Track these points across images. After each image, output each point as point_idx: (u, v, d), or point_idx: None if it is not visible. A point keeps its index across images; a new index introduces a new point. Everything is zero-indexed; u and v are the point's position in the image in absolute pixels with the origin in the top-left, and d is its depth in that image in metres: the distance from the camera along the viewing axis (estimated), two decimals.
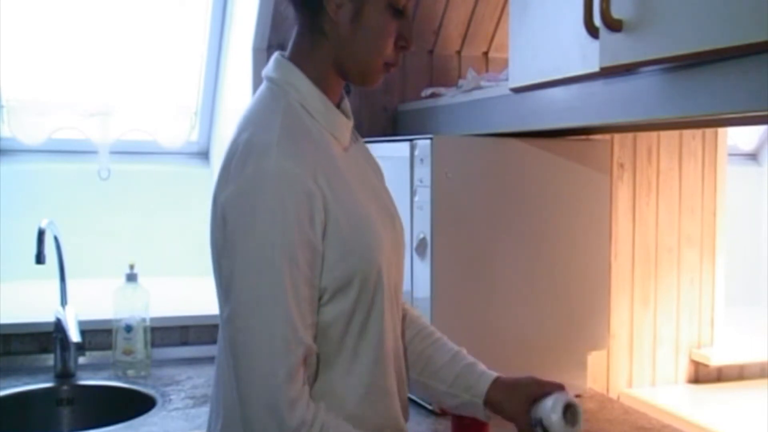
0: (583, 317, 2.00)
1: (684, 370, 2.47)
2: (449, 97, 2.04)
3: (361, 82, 1.27)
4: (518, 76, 1.66)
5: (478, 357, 1.51)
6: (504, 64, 1.75)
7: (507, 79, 1.70)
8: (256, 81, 2.34)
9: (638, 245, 2.40)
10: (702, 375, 2.48)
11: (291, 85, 1.23)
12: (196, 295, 2.52)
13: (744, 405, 2.29)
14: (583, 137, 2.04)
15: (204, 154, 2.76)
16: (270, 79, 1.25)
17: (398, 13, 1.21)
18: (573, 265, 1.98)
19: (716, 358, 2.44)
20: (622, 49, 1.27)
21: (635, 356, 2.40)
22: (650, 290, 2.41)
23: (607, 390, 2.33)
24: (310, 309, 1.14)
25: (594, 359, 2.13)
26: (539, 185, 1.94)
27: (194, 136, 2.72)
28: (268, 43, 2.30)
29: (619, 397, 2.29)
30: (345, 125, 1.29)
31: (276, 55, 1.27)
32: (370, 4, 1.19)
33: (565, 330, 1.98)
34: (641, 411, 1.97)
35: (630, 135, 2.36)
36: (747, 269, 3.03)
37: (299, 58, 1.24)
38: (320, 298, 1.16)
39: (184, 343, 2.31)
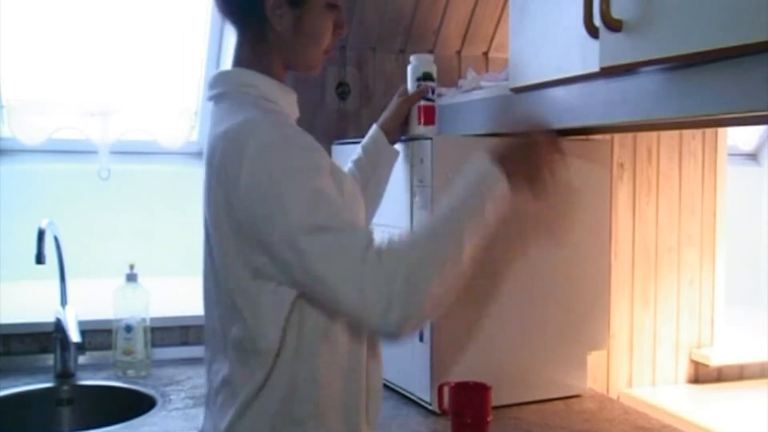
0: (583, 317, 2.00)
1: (684, 370, 2.47)
2: (449, 97, 2.03)
3: (306, 72, 1.38)
4: (518, 76, 1.66)
5: (477, 357, 1.52)
6: (504, 64, 1.75)
7: (507, 79, 1.70)
8: None
9: (638, 245, 2.40)
10: (702, 375, 2.49)
11: (245, 86, 1.29)
12: (196, 295, 2.52)
13: (744, 405, 2.29)
14: (583, 137, 2.04)
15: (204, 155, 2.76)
16: (223, 93, 1.30)
17: (333, 7, 1.31)
18: (573, 264, 1.98)
19: (716, 358, 2.44)
20: (622, 49, 1.27)
21: (635, 356, 2.40)
22: (650, 290, 2.41)
23: (607, 390, 2.33)
24: None
25: (594, 359, 2.14)
26: None
27: (194, 136, 2.72)
28: None
29: (619, 397, 2.29)
30: (294, 100, 1.37)
31: (215, 72, 1.36)
32: (309, 9, 1.28)
33: (565, 330, 1.98)
34: (641, 411, 1.97)
35: (630, 135, 2.36)
36: (747, 269, 3.03)
37: (248, 64, 1.31)
38: None
39: (184, 343, 2.31)
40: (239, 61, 1.33)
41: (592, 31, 1.31)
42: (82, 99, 2.51)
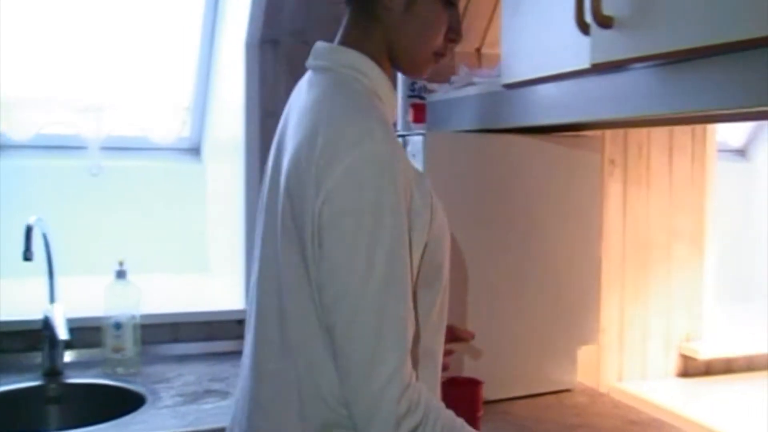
0: (573, 312, 2.01)
1: (673, 363, 2.49)
2: (442, 93, 2.04)
3: (410, 70, 1.30)
4: (510, 73, 1.66)
5: (468, 352, 1.52)
6: (496, 60, 1.75)
7: (499, 75, 1.71)
8: (249, 76, 2.34)
9: (629, 240, 2.41)
10: (691, 368, 2.50)
11: (357, 71, 1.23)
12: (187, 292, 2.52)
13: (731, 398, 2.31)
14: (575, 133, 2.04)
15: (195, 150, 2.76)
16: (328, 68, 1.24)
17: (450, 5, 1.25)
18: (563, 260, 1.99)
19: (705, 351, 2.45)
20: (613, 45, 1.27)
21: (625, 350, 2.41)
22: (640, 285, 2.42)
23: (598, 384, 2.34)
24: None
25: (584, 354, 2.14)
26: (531, 181, 1.94)
27: (186, 132, 2.71)
28: (261, 38, 2.30)
29: (609, 392, 2.30)
30: (395, 101, 1.32)
31: (322, 44, 1.27)
32: None
33: (556, 325, 1.99)
34: (631, 405, 1.98)
35: (621, 131, 2.37)
36: (736, 264, 3.05)
37: (356, 45, 1.24)
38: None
39: (175, 341, 2.30)
40: (347, 38, 1.25)
41: (584, 28, 1.31)
42: (73, 95, 2.51)
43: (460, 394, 1.63)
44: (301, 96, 1.26)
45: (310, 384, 1.18)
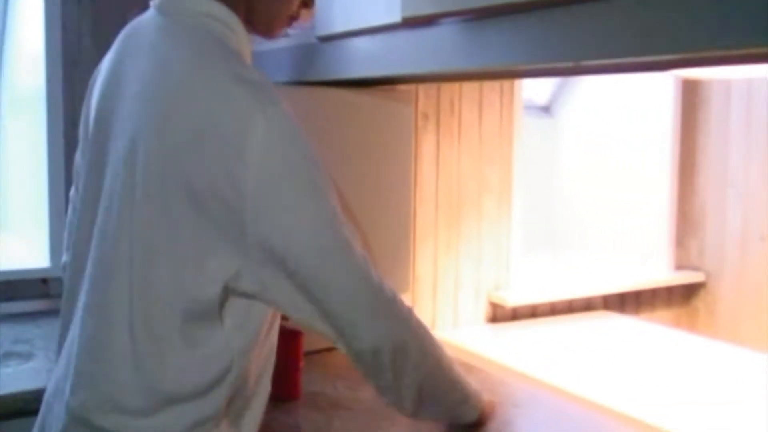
0: (387, 262, 2.06)
1: (483, 311, 2.61)
2: (256, 44, 2.00)
3: (264, 32, 1.31)
4: (324, 25, 1.66)
5: None
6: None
7: (313, 28, 1.70)
8: (50, 22, 2.20)
9: (441, 193, 2.49)
10: (499, 315, 2.64)
11: (227, 26, 1.18)
12: None
13: (535, 340, 2.46)
14: (389, 87, 2.07)
15: None
16: (189, 16, 1.17)
17: None
18: (377, 211, 2.03)
19: (512, 299, 2.59)
20: (423, 0, 1.30)
21: (438, 299, 2.50)
22: (453, 236, 2.52)
23: None
24: None
25: None
26: (346, 133, 1.96)
27: None
28: None
29: None
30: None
31: None
32: None
33: None
34: None
35: (434, 86, 2.43)
36: (540, 217, 3.23)
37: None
38: None
39: None
40: None
41: None
42: None
43: (281, 345, 1.64)
44: (145, 42, 1.18)
45: (155, 358, 1.14)
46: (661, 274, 3.05)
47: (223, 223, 1.09)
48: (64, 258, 1.40)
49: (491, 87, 2.57)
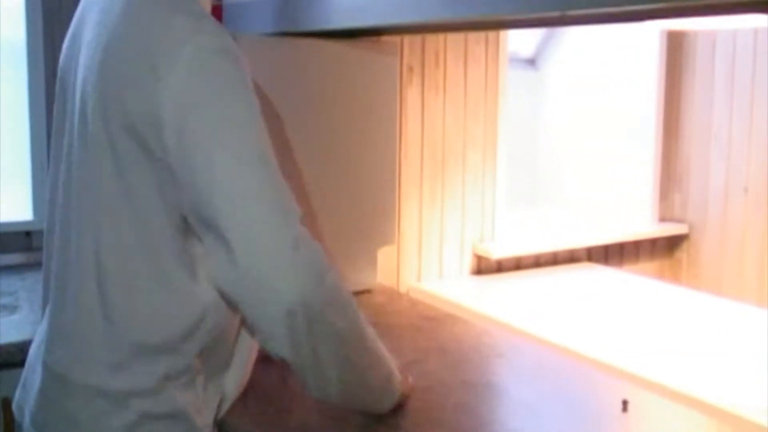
0: (372, 215, 2.07)
1: (468, 263, 2.63)
2: None
3: None
4: None
5: None
6: None
7: None
8: None
9: (426, 147, 2.49)
10: (484, 267, 2.65)
11: None
12: None
13: (519, 291, 2.48)
14: (374, 38, 2.06)
15: None
16: None
17: None
18: (363, 164, 2.03)
19: (496, 251, 2.61)
20: None
21: (424, 252, 2.52)
22: (438, 189, 2.52)
23: (398, 284, 2.44)
24: None
25: (385, 256, 2.22)
26: (330, 86, 1.95)
27: None
28: None
29: (408, 291, 2.41)
30: None
31: None
32: None
33: (355, 227, 2.04)
34: (427, 302, 2.09)
35: (418, 40, 2.41)
36: (524, 170, 3.24)
37: None
38: None
39: None
40: None
41: None
42: None
43: None
44: None
45: (123, 307, 1.14)
46: (645, 226, 3.07)
47: (160, 154, 1.08)
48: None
49: (476, 40, 2.55)
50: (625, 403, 1.35)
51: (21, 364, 1.36)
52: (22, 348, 1.55)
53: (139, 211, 1.12)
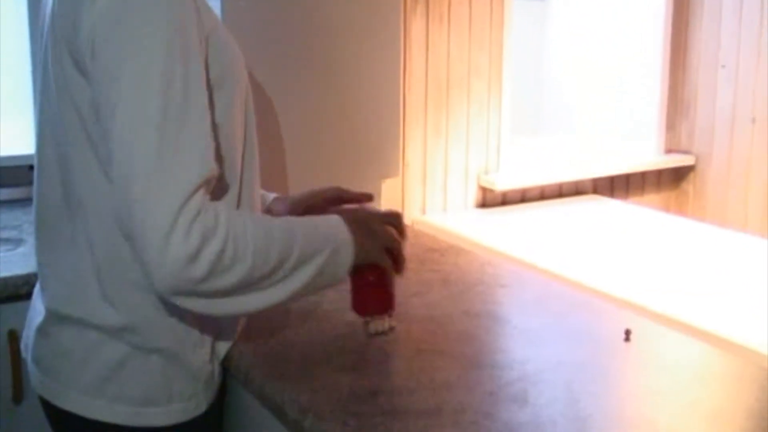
0: (375, 147, 2.05)
1: (473, 195, 2.62)
2: None
3: None
4: None
5: (270, 189, 1.53)
6: None
7: None
8: None
9: (431, 77, 2.45)
10: (489, 199, 2.65)
11: None
12: None
13: (524, 223, 2.48)
14: None
15: None
16: None
17: None
18: (365, 95, 2.01)
19: (501, 183, 2.60)
20: None
21: (428, 183, 2.51)
22: (442, 120, 2.50)
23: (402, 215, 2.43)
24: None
25: (389, 188, 2.21)
26: (333, 15, 1.91)
27: None
28: None
29: (413, 224, 2.40)
30: None
31: None
32: None
33: (359, 160, 2.02)
34: (431, 234, 2.08)
35: None
36: (530, 101, 3.20)
37: None
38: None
39: None
40: None
41: None
42: None
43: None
44: None
45: (103, 242, 1.13)
46: (651, 157, 3.05)
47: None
48: None
49: None
50: (628, 333, 1.35)
51: (26, 296, 1.36)
52: (27, 280, 1.56)
53: (93, 134, 1.10)
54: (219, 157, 1.11)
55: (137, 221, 0.98)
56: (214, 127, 1.09)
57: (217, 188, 1.11)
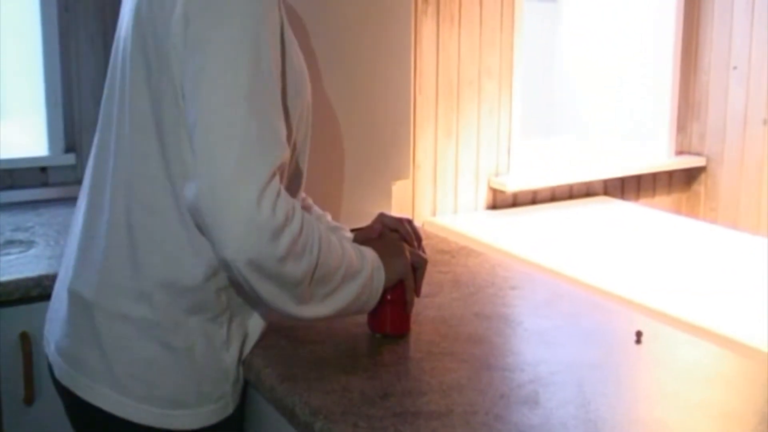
0: (386, 148, 2.05)
1: (483, 197, 2.62)
2: None
3: None
4: None
5: None
6: None
7: None
8: None
9: (441, 78, 2.45)
10: (499, 201, 2.64)
11: None
12: None
13: (535, 225, 2.48)
14: None
15: None
16: None
17: None
18: (376, 97, 2.00)
19: (512, 184, 2.59)
20: None
21: (439, 185, 2.50)
22: (453, 122, 2.50)
23: (413, 218, 2.43)
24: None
25: (400, 189, 2.21)
26: (343, 17, 1.91)
27: None
28: None
29: (423, 225, 2.40)
30: None
31: None
32: None
33: (370, 161, 2.02)
34: (441, 236, 2.08)
35: None
36: (540, 101, 3.20)
37: None
38: None
39: None
40: None
41: None
42: None
43: None
44: None
45: (148, 249, 1.14)
46: (662, 158, 3.04)
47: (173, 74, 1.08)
48: None
49: None
50: (639, 335, 1.35)
51: (38, 298, 1.37)
52: (39, 282, 1.57)
53: (164, 134, 1.11)
54: None
55: (226, 188, 0.97)
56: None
57: None
